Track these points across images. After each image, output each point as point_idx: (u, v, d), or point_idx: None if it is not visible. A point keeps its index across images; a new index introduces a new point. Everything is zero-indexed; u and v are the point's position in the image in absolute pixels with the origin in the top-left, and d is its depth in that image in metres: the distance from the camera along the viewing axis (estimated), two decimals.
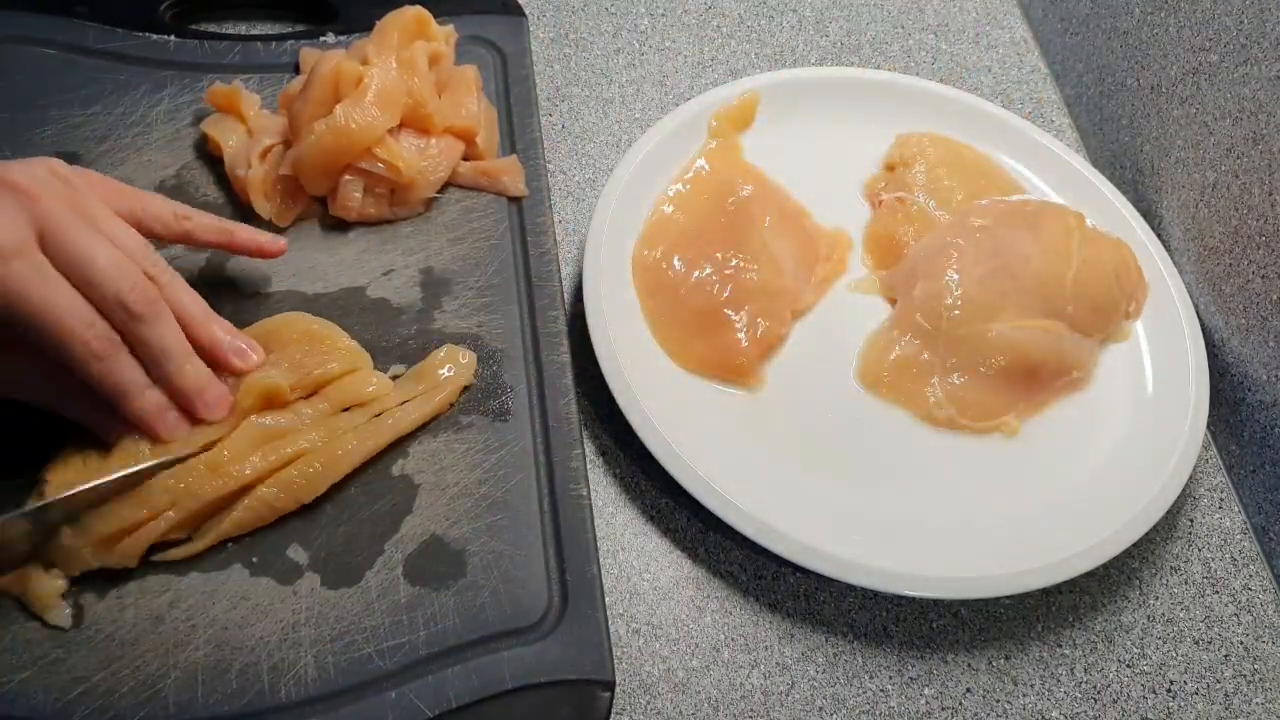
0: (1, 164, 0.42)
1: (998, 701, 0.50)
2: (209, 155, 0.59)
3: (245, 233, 0.51)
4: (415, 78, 0.57)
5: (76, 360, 0.42)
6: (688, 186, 0.63)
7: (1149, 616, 0.54)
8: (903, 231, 0.63)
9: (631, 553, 0.53)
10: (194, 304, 0.47)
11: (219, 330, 0.47)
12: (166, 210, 0.48)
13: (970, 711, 0.50)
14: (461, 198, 0.60)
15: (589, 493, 0.50)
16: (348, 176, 0.56)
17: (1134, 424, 0.58)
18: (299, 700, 0.43)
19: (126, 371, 0.44)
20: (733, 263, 0.58)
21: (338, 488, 0.48)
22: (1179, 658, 0.52)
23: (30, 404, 0.45)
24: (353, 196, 0.56)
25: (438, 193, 0.59)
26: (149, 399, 0.45)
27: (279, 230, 0.57)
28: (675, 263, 0.59)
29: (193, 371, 0.45)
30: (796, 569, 0.52)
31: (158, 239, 0.48)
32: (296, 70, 0.63)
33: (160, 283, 0.45)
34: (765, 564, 0.53)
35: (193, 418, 0.46)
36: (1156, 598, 0.54)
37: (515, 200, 0.60)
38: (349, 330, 0.54)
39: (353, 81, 0.56)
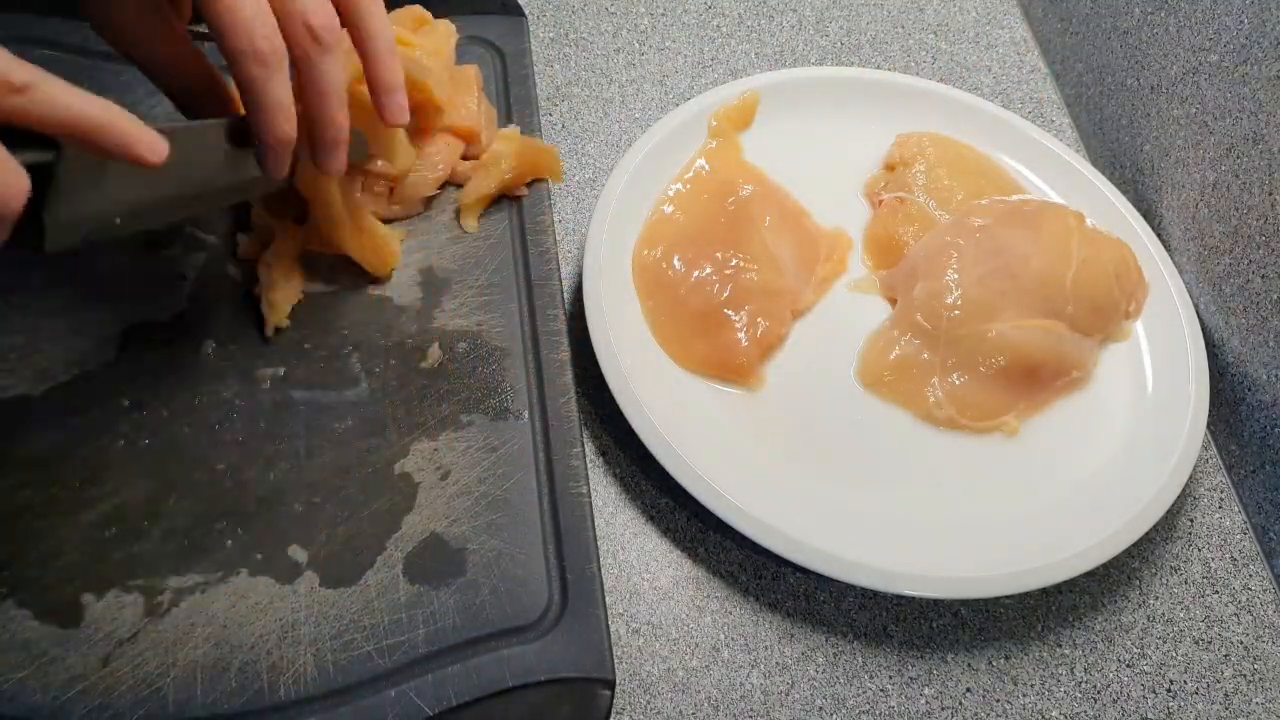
0: None
1: (998, 701, 0.50)
2: None
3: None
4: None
5: (238, 55, 0.41)
6: (688, 186, 0.63)
7: (1149, 616, 0.54)
8: (903, 231, 0.63)
9: (631, 552, 0.53)
10: (381, 30, 0.46)
11: (387, 74, 0.47)
12: (305, 8, 0.43)
13: (970, 711, 0.50)
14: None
15: (589, 491, 0.50)
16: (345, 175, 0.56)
17: (1134, 424, 0.58)
18: (298, 698, 0.43)
19: (277, 88, 0.42)
20: (733, 263, 0.58)
21: (338, 486, 0.48)
22: (1179, 658, 0.52)
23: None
24: (351, 195, 0.56)
25: (437, 191, 0.59)
26: (282, 125, 0.43)
27: None
28: (675, 263, 0.59)
29: (341, 122, 0.45)
30: (796, 569, 0.52)
31: None
32: None
33: (355, 8, 0.45)
34: (765, 564, 0.53)
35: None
36: (1156, 598, 0.54)
37: (515, 199, 0.60)
38: (349, 329, 0.54)
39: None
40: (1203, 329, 0.61)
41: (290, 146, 0.44)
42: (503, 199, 0.60)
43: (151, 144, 0.37)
